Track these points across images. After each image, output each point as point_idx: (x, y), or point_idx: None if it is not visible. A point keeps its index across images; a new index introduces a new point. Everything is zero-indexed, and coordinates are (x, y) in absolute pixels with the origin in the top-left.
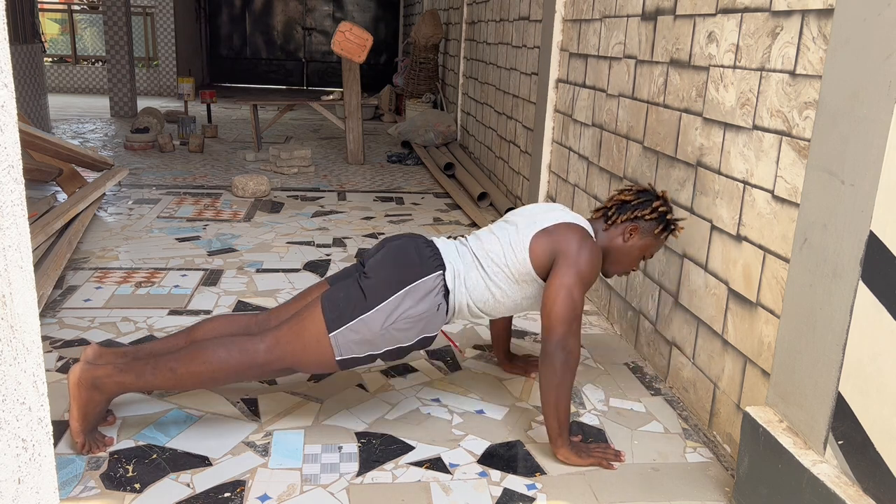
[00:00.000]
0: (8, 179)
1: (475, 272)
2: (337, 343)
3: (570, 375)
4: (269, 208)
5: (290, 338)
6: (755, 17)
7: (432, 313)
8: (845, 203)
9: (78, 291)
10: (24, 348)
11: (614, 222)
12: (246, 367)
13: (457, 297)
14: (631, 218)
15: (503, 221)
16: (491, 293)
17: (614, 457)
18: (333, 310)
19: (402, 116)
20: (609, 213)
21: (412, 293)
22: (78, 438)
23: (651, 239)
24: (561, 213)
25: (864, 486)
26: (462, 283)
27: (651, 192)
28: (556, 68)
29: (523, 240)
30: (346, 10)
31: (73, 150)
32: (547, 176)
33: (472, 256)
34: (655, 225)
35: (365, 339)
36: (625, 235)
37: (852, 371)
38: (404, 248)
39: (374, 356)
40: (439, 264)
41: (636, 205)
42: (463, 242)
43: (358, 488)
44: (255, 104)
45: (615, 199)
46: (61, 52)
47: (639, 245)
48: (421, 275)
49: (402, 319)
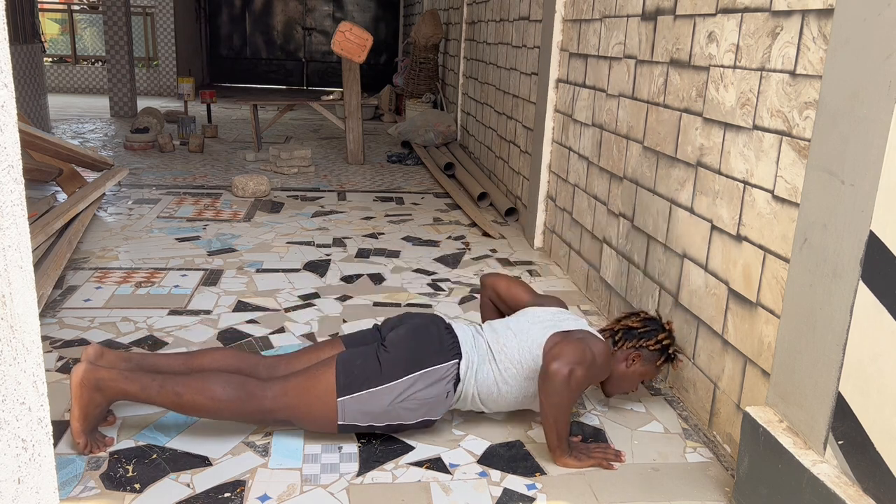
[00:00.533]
0: (8, 179)
1: (487, 365)
2: (343, 408)
3: (570, 395)
4: (269, 208)
5: (298, 391)
6: (755, 17)
7: (440, 399)
8: (845, 203)
9: (78, 291)
10: (24, 348)
11: (620, 347)
12: (250, 411)
13: (465, 387)
14: (636, 346)
15: (522, 317)
16: (497, 388)
17: (614, 457)
18: (347, 375)
19: (402, 116)
20: (616, 338)
21: (426, 377)
22: (78, 438)
23: (651, 367)
24: (584, 324)
25: (864, 486)
26: (473, 375)
27: (657, 321)
28: (556, 68)
29: (539, 338)
30: (346, 10)
31: (73, 150)
32: (547, 176)
33: (486, 348)
34: (658, 356)
35: (370, 410)
36: (627, 361)
37: (852, 371)
38: (427, 330)
39: (373, 427)
40: (457, 353)
41: (642, 333)
42: (479, 332)
43: (358, 488)
44: (255, 104)
45: (622, 324)
46: (61, 52)
47: (639, 371)
48: (439, 361)
49: (411, 400)
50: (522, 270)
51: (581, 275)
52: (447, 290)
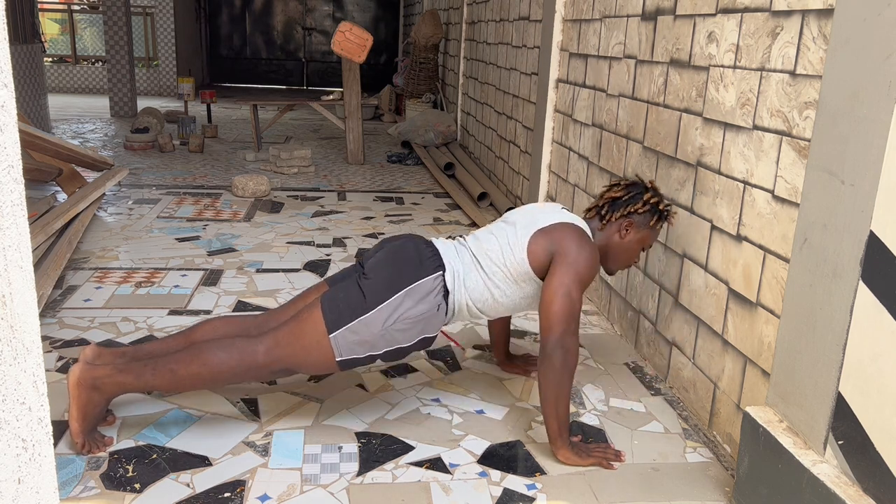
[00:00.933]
0: (8, 179)
1: (474, 272)
2: (337, 344)
3: (569, 374)
4: (269, 208)
5: (289, 339)
6: (755, 17)
7: (432, 314)
8: (845, 203)
9: (78, 291)
10: (24, 348)
11: (609, 220)
12: (245, 369)
13: (456, 297)
14: (624, 214)
15: (501, 221)
16: (490, 293)
17: (614, 457)
18: (333, 311)
19: (402, 116)
20: (602, 212)
21: (412, 294)
22: (78, 439)
23: (647, 230)
24: (559, 213)
25: (864, 486)
26: (461, 284)
27: (640, 184)
28: (556, 68)
29: (521, 240)
30: (346, 10)
31: (73, 150)
32: (547, 176)
33: (470, 257)
34: (649, 217)
35: (365, 339)
36: (621, 232)
37: (852, 371)
38: (404, 248)
39: (374, 356)
40: (439, 265)
41: (627, 200)
42: (462, 243)
43: (358, 488)
44: (255, 104)
45: (606, 197)
46: (61, 52)
47: (636, 239)
48: (421, 275)
49: (402, 320)
50: None
51: None
52: None
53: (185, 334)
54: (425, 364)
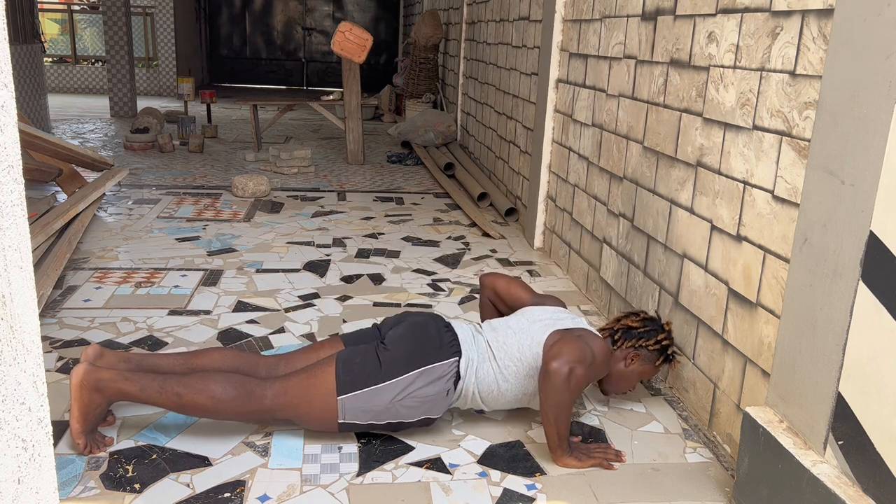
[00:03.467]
0: (8, 179)
1: (487, 363)
2: (343, 406)
3: (571, 394)
4: (269, 208)
5: (298, 390)
6: (755, 17)
7: (440, 397)
8: (845, 203)
9: (78, 291)
10: (24, 348)
11: (619, 346)
12: (250, 410)
13: (465, 384)
14: (634, 346)
15: (521, 316)
16: (498, 386)
17: (615, 457)
18: (348, 374)
19: (402, 116)
20: (615, 337)
21: (426, 374)
22: (78, 439)
23: (650, 366)
24: (584, 323)
25: (864, 486)
26: (473, 373)
27: (657, 321)
28: (556, 68)
29: (539, 336)
30: (346, 10)
31: (73, 150)
32: (547, 176)
33: (486, 346)
34: (657, 356)
35: (371, 408)
36: (626, 360)
37: (852, 371)
38: (426, 327)
39: (374, 425)
40: (456, 351)
41: (642, 333)
42: (478, 330)
43: (358, 488)
44: (255, 104)
45: (622, 324)
46: (61, 52)
47: (638, 370)
48: (439, 358)
49: (411, 398)
50: (522, 270)
51: (581, 275)
52: (447, 291)
53: (191, 357)
54: None
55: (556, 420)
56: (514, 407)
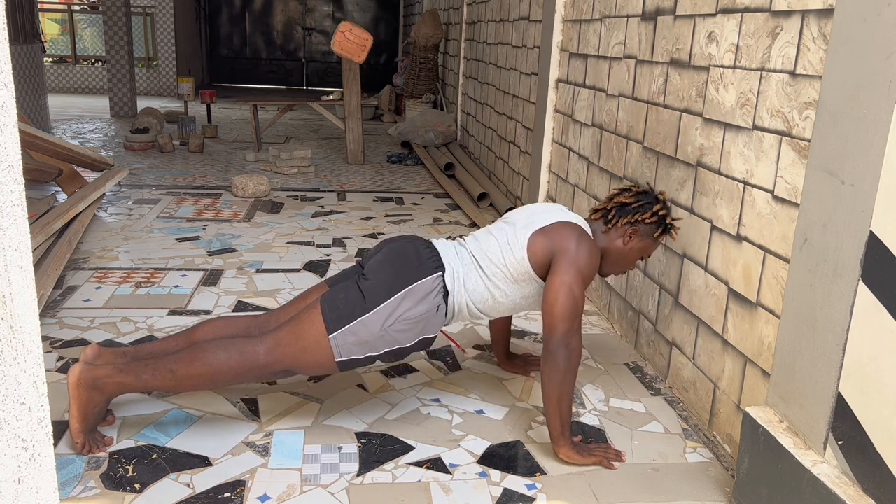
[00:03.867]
0: (8, 179)
1: (474, 273)
2: (336, 344)
3: (572, 373)
4: (269, 208)
5: (289, 340)
6: (755, 17)
7: (431, 314)
8: (845, 203)
9: (78, 291)
10: (24, 348)
11: (614, 225)
12: (246, 369)
13: (456, 298)
14: (631, 221)
15: (501, 222)
16: (490, 293)
17: (615, 457)
18: (333, 311)
19: (402, 116)
20: (609, 216)
21: (411, 295)
22: (78, 438)
23: (650, 241)
24: (559, 212)
25: (864, 486)
26: (461, 285)
27: (650, 193)
28: (556, 68)
29: (521, 239)
30: (346, 10)
31: (73, 150)
32: (547, 176)
33: (470, 257)
34: (655, 228)
35: (364, 340)
36: (624, 238)
37: (852, 371)
38: (403, 249)
39: (373, 357)
40: (438, 266)
41: (636, 207)
42: (461, 244)
43: (358, 488)
44: (255, 104)
45: (615, 201)
46: (61, 52)
47: (638, 247)
48: (420, 276)
49: (401, 321)
50: None
51: None
52: None
53: (186, 334)
54: (425, 364)
55: (559, 401)
56: (520, 311)
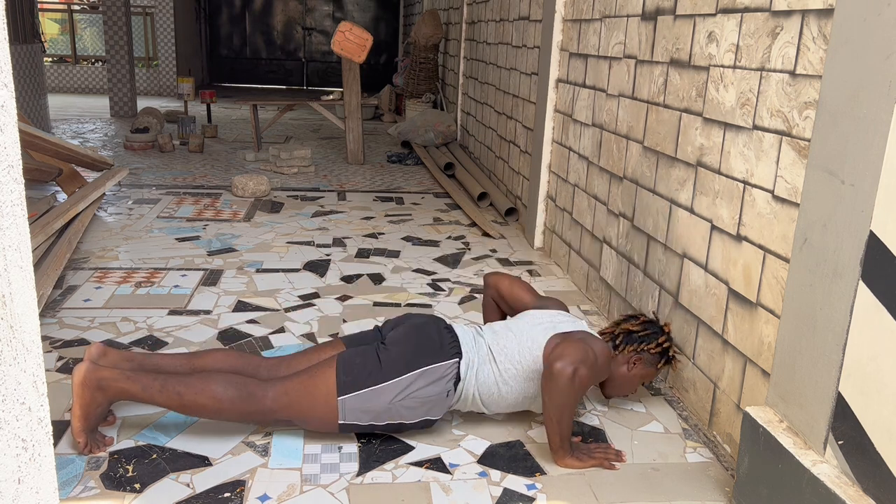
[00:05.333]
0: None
1: (488, 366)
2: (344, 407)
3: (574, 398)
4: (269, 208)
5: (299, 391)
6: (755, 17)
7: (441, 398)
8: (845, 203)
9: (78, 291)
10: (24, 348)
11: (620, 351)
12: (250, 411)
13: (466, 386)
14: (636, 350)
15: (522, 321)
16: (498, 388)
17: (615, 457)
18: (348, 374)
19: (402, 116)
20: (616, 342)
21: (427, 375)
22: (79, 438)
23: (651, 369)
24: (582, 325)
25: (865, 486)
26: (474, 374)
27: (656, 324)
28: (556, 68)
29: (539, 340)
30: (346, 10)
31: (73, 150)
32: (547, 176)
33: (487, 349)
34: (658, 358)
35: (371, 409)
36: (629, 364)
37: (852, 371)
38: (427, 328)
39: (374, 426)
40: (457, 352)
41: (643, 337)
42: (479, 333)
43: (358, 488)
44: (255, 104)
45: (622, 328)
46: (61, 52)
47: (640, 374)
48: (439, 359)
49: (411, 398)
50: (522, 270)
51: (581, 275)
52: (447, 290)
53: (193, 357)
54: None
55: (559, 421)
56: (515, 410)
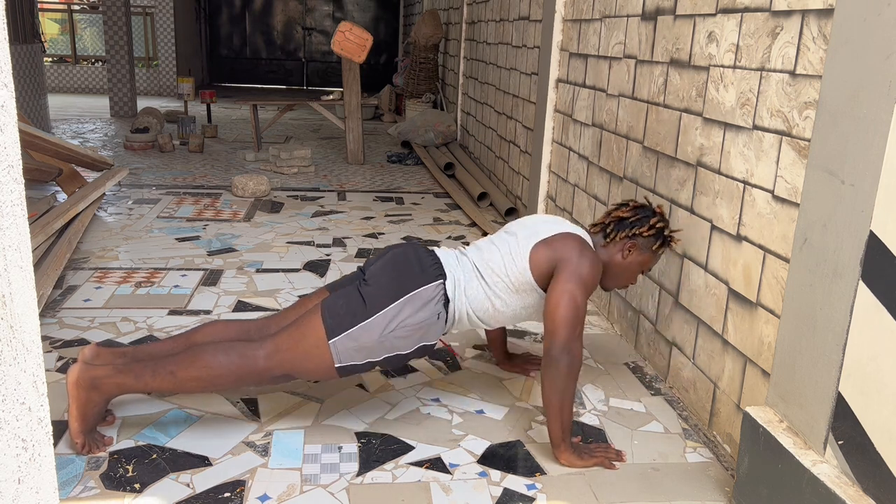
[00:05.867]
0: (8, 179)
1: (475, 282)
2: (336, 350)
3: (573, 380)
4: (269, 208)
5: (289, 344)
6: (755, 16)
7: (432, 322)
8: (845, 203)
9: (78, 291)
10: (24, 348)
11: (613, 239)
12: (245, 373)
13: (457, 306)
14: (629, 235)
15: (503, 232)
16: (491, 303)
17: (616, 457)
18: (333, 317)
19: (402, 116)
20: (607, 230)
21: (412, 301)
22: (77, 439)
23: (649, 254)
24: (561, 224)
25: (864, 486)
26: (462, 293)
27: (648, 207)
28: (556, 68)
29: (523, 250)
30: (346, 10)
31: (73, 150)
32: (547, 176)
33: (472, 266)
34: (653, 241)
35: (364, 346)
36: (623, 252)
37: (852, 371)
38: (405, 255)
39: (372, 363)
40: (440, 273)
41: (634, 221)
42: (463, 252)
43: (358, 488)
44: (255, 104)
45: (613, 216)
46: (61, 52)
47: (637, 260)
48: (421, 283)
49: (402, 327)
50: None
51: None
52: None
53: (186, 336)
54: (425, 364)
55: (560, 408)
56: (520, 321)
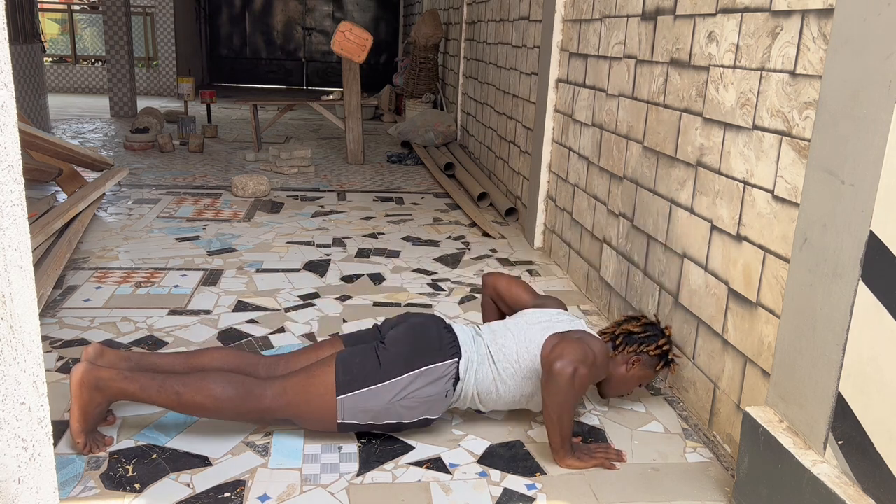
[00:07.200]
0: (8, 179)
1: (486, 366)
2: (343, 406)
3: (573, 394)
4: (269, 208)
5: (297, 390)
6: (755, 17)
7: (439, 398)
8: (845, 203)
9: (78, 291)
10: (24, 348)
11: (620, 351)
12: (249, 409)
13: (465, 386)
14: (636, 351)
15: (521, 320)
16: (496, 387)
17: (616, 457)
18: (347, 373)
19: (402, 116)
20: (616, 342)
21: (425, 375)
22: (78, 438)
23: (650, 371)
24: (582, 325)
25: (864, 486)
26: (473, 375)
27: (657, 326)
28: (556, 68)
29: (537, 339)
30: (346, 10)
31: (73, 150)
32: (547, 176)
33: (485, 349)
34: (657, 361)
35: (370, 408)
36: (627, 365)
37: (852, 371)
38: (427, 328)
39: (373, 426)
40: (456, 352)
41: (643, 338)
42: (478, 332)
43: (358, 488)
44: (255, 104)
45: (623, 328)
46: (61, 52)
47: (638, 375)
48: (438, 359)
49: (410, 398)
50: (522, 270)
51: (581, 275)
52: (447, 290)
53: (191, 356)
54: None
55: (559, 420)
56: (512, 408)
